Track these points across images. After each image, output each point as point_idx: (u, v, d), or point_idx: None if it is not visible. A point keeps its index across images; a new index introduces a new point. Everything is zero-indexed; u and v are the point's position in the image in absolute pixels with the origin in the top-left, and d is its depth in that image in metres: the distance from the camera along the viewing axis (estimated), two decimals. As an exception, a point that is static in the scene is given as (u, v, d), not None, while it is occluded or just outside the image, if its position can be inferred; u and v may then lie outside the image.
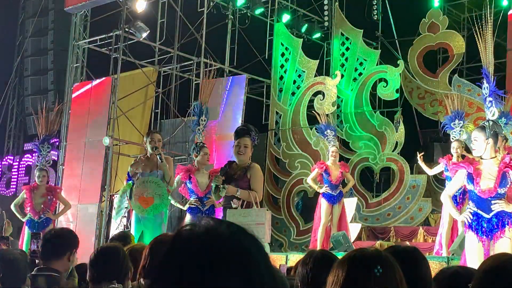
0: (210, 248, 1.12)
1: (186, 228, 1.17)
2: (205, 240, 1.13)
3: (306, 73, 13.37)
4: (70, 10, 12.84)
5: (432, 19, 13.54)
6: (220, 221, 1.18)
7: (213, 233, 1.15)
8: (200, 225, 1.16)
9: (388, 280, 1.88)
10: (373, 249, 2.00)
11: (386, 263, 1.90)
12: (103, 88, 11.91)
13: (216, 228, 1.16)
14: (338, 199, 9.96)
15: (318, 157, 12.25)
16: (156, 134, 8.03)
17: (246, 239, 1.17)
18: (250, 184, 6.15)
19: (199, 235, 1.14)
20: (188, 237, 1.15)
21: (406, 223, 12.15)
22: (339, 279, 1.88)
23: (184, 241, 1.15)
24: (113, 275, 3.14)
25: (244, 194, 6.06)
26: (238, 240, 1.15)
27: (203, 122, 9.06)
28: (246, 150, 6.22)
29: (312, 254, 3.00)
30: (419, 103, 13.63)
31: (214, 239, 1.14)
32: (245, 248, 1.14)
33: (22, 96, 17.66)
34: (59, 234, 3.82)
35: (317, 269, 2.84)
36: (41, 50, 17.25)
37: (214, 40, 13.47)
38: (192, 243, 1.13)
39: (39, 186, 9.45)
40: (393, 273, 1.90)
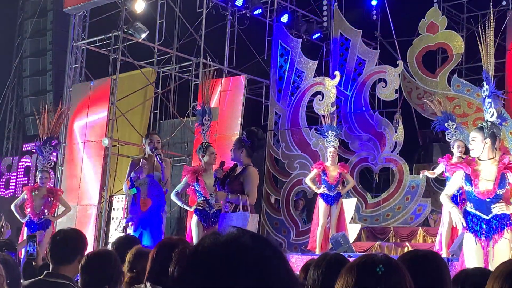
0: (231, 258, 1.13)
1: (209, 237, 1.18)
2: (227, 250, 1.14)
3: (306, 74, 13.36)
4: (69, 11, 12.84)
5: (431, 19, 13.52)
6: (243, 231, 1.19)
7: (236, 243, 1.16)
8: (223, 235, 1.18)
9: (397, 287, 1.86)
10: (382, 255, 1.98)
11: (395, 270, 1.88)
12: (102, 89, 11.90)
13: (238, 238, 1.17)
14: (336, 200, 9.96)
15: (317, 158, 12.25)
16: (155, 135, 8.06)
17: (269, 250, 1.17)
18: (243, 187, 6.19)
19: (222, 244, 1.16)
20: (210, 246, 1.16)
21: (406, 223, 12.14)
22: (348, 285, 1.87)
23: (207, 250, 1.16)
24: (105, 280, 3.12)
25: (234, 198, 6.14)
26: (260, 251, 1.16)
27: (206, 122, 9.03)
28: (232, 150, 6.36)
29: (326, 257, 2.95)
30: (418, 104, 13.61)
31: (236, 249, 1.15)
32: (267, 258, 1.15)
33: (21, 97, 17.63)
34: (71, 236, 3.58)
35: (329, 273, 2.81)
36: (40, 51, 17.23)
37: (213, 41, 13.47)
38: (214, 252, 1.14)
39: (40, 188, 9.45)
40: (402, 280, 1.88)
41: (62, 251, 3.44)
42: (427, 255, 2.48)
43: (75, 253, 3.47)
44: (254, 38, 14.13)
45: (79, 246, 3.56)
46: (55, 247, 3.48)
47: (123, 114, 11.95)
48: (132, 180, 7.61)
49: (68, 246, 3.48)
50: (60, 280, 3.33)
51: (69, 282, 3.36)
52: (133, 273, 3.57)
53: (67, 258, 3.42)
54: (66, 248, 3.46)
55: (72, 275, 3.40)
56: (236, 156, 6.32)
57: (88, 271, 3.16)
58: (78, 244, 3.57)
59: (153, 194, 7.62)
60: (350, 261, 2.03)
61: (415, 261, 2.30)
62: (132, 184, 7.66)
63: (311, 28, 14.48)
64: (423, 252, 2.51)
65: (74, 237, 3.59)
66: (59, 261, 3.41)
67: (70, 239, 3.55)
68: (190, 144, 12.70)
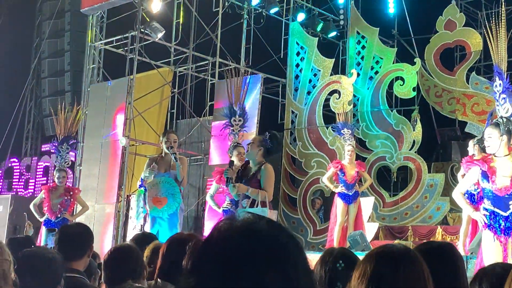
0: (247, 243, 1.12)
1: (224, 222, 1.17)
2: (243, 234, 1.13)
3: (322, 72, 13.32)
4: (86, 12, 12.91)
5: (449, 17, 13.43)
6: (260, 217, 1.18)
7: (252, 227, 1.15)
8: (238, 220, 1.17)
9: (415, 277, 1.87)
10: (401, 246, 2.00)
11: (413, 260, 1.90)
12: (119, 88, 11.95)
13: (254, 223, 1.16)
14: (354, 199, 9.91)
15: (334, 156, 12.20)
16: (172, 134, 8.03)
17: (285, 236, 1.16)
18: (261, 183, 6.17)
19: (237, 229, 1.15)
20: (226, 230, 1.15)
21: (424, 222, 12.06)
22: (366, 274, 1.87)
23: (222, 235, 1.15)
24: (128, 275, 3.13)
25: (254, 193, 6.12)
26: (276, 236, 1.15)
27: (237, 123, 9.04)
28: (250, 146, 6.31)
29: (332, 252, 2.93)
30: (436, 101, 13.53)
31: (252, 233, 1.14)
32: (283, 244, 1.14)
33: (39, 98, 17.78)
34: (78, 232, 3.63)
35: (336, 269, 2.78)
36: (58, 52, 17.36)
37: (229, 40, 13.48)
38: (230, 237, 1.13)
39: (58, 187, 9.50)
40: (420, 270, 1.89)
41: (72, 249, 3.48)
42: (442, 246, 2.49)
43: (85, 249, 3.53)
44: (270, 37, 14.12)
45: (88, 241, 3.60)
46: (64, 244, 3.51)
47: (140, 113, 11.99)
48: (142, 180, 7.71)
49: (78, 243, 3.52)
50: (71, 274, 3.36)
51: (79, 275, 3.40)
52: (150, 268, 3.59)
53: (77, 255, 3.47)
54: (76, 245, 3.50)
55: (83, 268, 3.44)
56: (252, 153, 6.30)
57: (110, 266, 3.19)
58: (87, 238, 3.61)
59: (169, 192, 7.64)
60: None
61: (430, 251, 2.30)
62: (141, 184, 7.75)
63: (327, 27, 14.43)
64: (438, 243, 2.51)
65: (82, 233, 3.63)
66: (69, 258, 3.44)
67: (79, 235, 3.59)
68: (207, 143, 12.71)
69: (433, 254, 2.28)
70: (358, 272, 1.91)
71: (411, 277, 1.86)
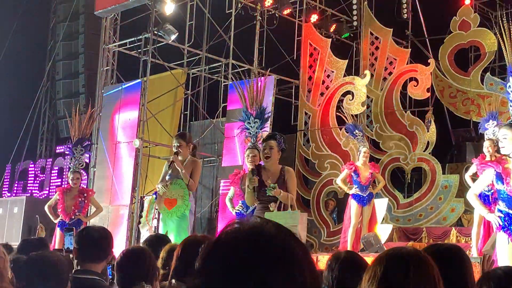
0: (255, 246, 1.13)
1: (232, 225, 1.18)
2: (250, 238, 1.14)
3: (335, 73, 13.29)
4: (100, 14, 12.97)
5: (463, 17, 13.35)
6: (267, 220, 1.19)
7: (259, 231, 1.16)
8: (246, 223, 1.17)
9: (425, 279, 1.87)
10: (411, 248, 2.00)
11: (423, 262, 1.89)
12: (133, 90, 12.00)
13: (262, 227, 1.17)
14: (368, 200, 9.88)
15: (347, 158, 12.17)
16: (176, 138, 7.85)
17: (292, 240, 1.17)
18: (286, 187, 6.14)
19: (245, 232, 1.16)
20: (234, 233, 1.16)
21: (438, 223, 12.00)
22: (377, 276, 1.87)
23: (230, 237, 1.16)
24: (141, 277, 3.14)
25: (284, 197, 6.07)
26: (283, 240, 1.15)
27: (254, 124, 9.04)
28: (272, 152, 6.20)
29: (339, 257, 2.91)
30: (450, 102, 13.46)
31: (259, 237, 1.14)
32: (290, 248, 1.15)
33: (54, 100, 17.89)
34: (103, 236, 3.62)
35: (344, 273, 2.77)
36: (72, 54, 17.47)
37: (242, 42, 13.48)
38: (238, 240, 1.14)
39: (72, 188, 9.54)
40: (430, 272, 1.89)
41: (94, 250, 3.48)
42: (450, 248, 2.49)
43: (106, 253, 3.53)
44: (283, 38, 14.11)
45: (109, 245, 3.60)
46: (86, 247, 3.50)
47: (153, 115, 12.03)
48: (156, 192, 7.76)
49: (100, 246, 3.52)
50: (90, 276, 3.39)
51: (98, 277, 3.42)
52: (165, 270, 3.60)
53: (99, 257, 3.48)
54: (99, 249, 3.50)
55: (100, 271, 3.45)
56: (275, 158, 6.26)
57: (123, 268, 3.20)
58: (109, 242, 3.61)
59: (179, 194, 7.66)
60: None
61: (439, 253, 2.30)
62: (155, 193, 7.80)
63: (341, 28, 14.40)
64: (446, 246, 2.52)
65: (105, 237, 3.63)
66: (89, 260, 3.46)
67: (102, 239, 3.59)
68: (220, 145, 12.73)
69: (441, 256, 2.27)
70: (369, 275, 1.92)
71: (421, 279, 1.86)
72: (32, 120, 15.60)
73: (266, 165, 6.27)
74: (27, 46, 16.57)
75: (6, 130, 15.60)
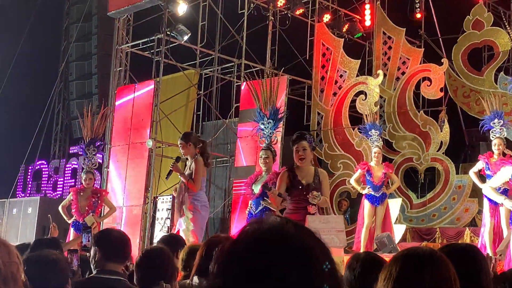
0: (275, 245, 1.13)
1: (252, 225, 1.18)
2: (270, 236, 1.14)
3: (348, 73, 13.26)
4: (113, 15, 13.01)
5: (476, 16, 13.28)
6: (286, 220, 1.19)
7: (279, 230, 1.16)
8: (266, 222, 1.18)
9: (441, 279, 1.86)
10: (427, 248, 1.99)
11: (439, 262, 1.89)
12: (146, 91, 12.03)
13: (281, 226, 1.17)
14: (381, 200, 9.85)
15: (360, 158, 12.14)
16: (178, 141, 7.91)
17: (312, 239, 1.17)
18: (322, 189, 6.13)
19: (265, 232, 1.16)
20: (254, 233, 1.16)
21: (452, 224, 11.94)
22: (392, 276, 1.86)
23: (250, 237, 1.16)
24: (160, 276, 3.16)
25: (323, 201, 6.06)
26: (303, 239, 1.15)
27: (268, 125, 9.05)
28: (305, 153, 6.19)
29: (359, 257, 2.93)
30: (464, 102, 13.38)
31: (280, 236, 1.15)
32: (310, 247, 1.15)
33: (67, 100, 17.99)
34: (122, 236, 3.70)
35: (365, 272, 2.78)
36: (85, 55, 17.56)
37: (254, 42, 13.49)
38: (258, 239, 1.14)
39: (85, 189, 9.58)
40: (446, 272, 1.88)
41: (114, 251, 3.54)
42: (466, 248, 2.47)
43: (126, 254, 3.60)
44: (295, 38, 14.10)
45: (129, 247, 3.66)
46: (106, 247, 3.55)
47: (166, 116, 12.06)
48: None
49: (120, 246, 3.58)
50: (114, 276, 3.43)
51: (121, 277, 3.47)
52: (186, 271, 3.62)
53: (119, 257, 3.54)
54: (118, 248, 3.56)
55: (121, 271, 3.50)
56: (309, 158, 6.25)
57: (143, 268, 3.23)
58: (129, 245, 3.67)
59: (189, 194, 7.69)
60: None
61: (454, 253, 2.28)
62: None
63: (353, 27, 14.36)
64: (462, 245, 2.50)
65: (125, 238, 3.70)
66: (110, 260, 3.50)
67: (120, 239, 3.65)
68: (233, 145, 12.73)
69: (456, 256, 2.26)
70: (384, 274, 1.92)
71: (437, 280, 1.85)
72: (45, 121, 15.68)
73: (302, 166, 6.25)
74: (40, 47, 16.66)
75: (20, 131, 15.70)
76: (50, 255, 3.07)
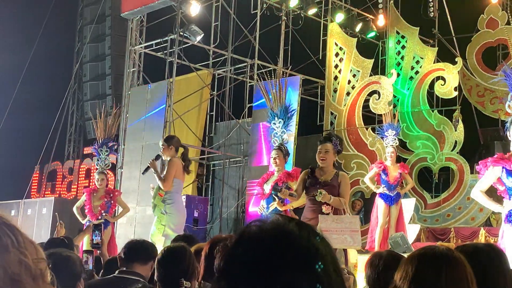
0: (279, 244, 1.11)
1: (254, 224, 1.17)
2: (273, 236, 1.13)
3: (361, 73, 13.22)
4: (127, 16, 13.07)
5: (490, 15, 13.20)
6: (289, 218, 1.18)
7: (282, 229, 1.14)
8: (268, 221, 1.16)
9: (458, 279, 1.85)
10: (444, 247, 1.97)
11: (456, 262, 1.86)
12: (159, 91, 12.07)
13: (284, 225, 1.15)
14: (396, 200, 9.80)
15: (374, 158, 12.10)
16: None
17: (315, 238, 1.15)
18: (340, 191, 6.15)
19: (268, 231, 1.14)
20: (256, 233, 1.15)
21: (467, 224, 11.87)
22: (408, 275, 1.85)
23: (253, 237, 1.14)
24: (181, 274, 3.17)
25: (336, 201, 6.06)
26: (307, 238, 1.14)
27: (279, 124, 9.07)
28: (327, 155, 6.22)
29: (381, 255, 2.95)
30: (478, 101, 13.30)
31: (282, 235, 1.13)
32: (314, 246, 1.13)
33: (81, 101, 18.08)
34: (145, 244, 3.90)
35: (387, 270, 2.79)
36: (99, 56, 17.64)
37: (267, 42, 13.49)
38: (261, 239, 1.13)
39: (98, 189, 9.61)
40: (463, 272, 1.86)
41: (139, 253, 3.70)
42: (484, 248, 2.44)
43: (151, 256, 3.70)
44: (308, 38, 14.09)
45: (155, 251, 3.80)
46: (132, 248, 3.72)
47: (179, 116, 12.09)
48: None
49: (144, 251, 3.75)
50: (132, 276, 3.52)
51: (141, 278, 3.54)
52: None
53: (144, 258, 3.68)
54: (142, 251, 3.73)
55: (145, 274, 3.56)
56: (330, 161, 6.28)
57: (164, 265, 3.24)
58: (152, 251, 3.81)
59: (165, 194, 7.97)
60: None
61: (473, 253, 2.26)
62: None
63: (366, 27, 14.32)
64: (481, 245, 2.47)
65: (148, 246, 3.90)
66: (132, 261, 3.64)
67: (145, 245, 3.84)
68: (246, 145, 12.74)
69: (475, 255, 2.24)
70: (400, 274, 1.90)
71: (454, 279, 1.83)
72: (60, 122, 15.77)
73: (322, 167, 6.29)
74: (54, 49, 16.76)
75: (35, 132, 15.80)
76: (62, 252, 3.09)
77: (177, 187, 7.93)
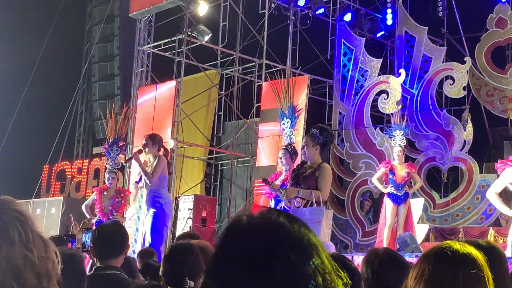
0: (275, 237, 1.11)
1: (238, 220, 1.16)
2: (268, 229, 1.12)
3: (370, 72, 13.19)
4: (135, 16, 13.10)
5: (499, 14, 13.13)
6: (276, 211, 1.17)
7: (270, 222, 1.14)
8: (255, 216, 1.16)
9: (476, 280, 1.81)
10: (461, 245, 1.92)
11: (474, 264, 1.83)
12: (167, 91, 12.08)
13: (271, 217, 1.15)
14: (404, 200, 9.77)
15: (382, 157, 12.07)
16: None
17: (303, 228, 1.16)
18: (317, 183, 6.12)
19: (257, 225, 1.14)
20: (245, 228, 1.14)
21: (476, 223, 11.82)
22: (424, 275, 1.82)
23: (242, 232, 1.14)
24: (187, 272, 3.17)
25: (306, 194, 6.05)
26: (298, 229, 1.14)
27: (287, 124, 9.09)
28: (306, 149, 6.23)
29: (377, 253, 2.93)
30: (487, 101, 13.23)
31: (271, 227, 1.13)
32: (306, 236, 1.14)
33: (90, 101, 18.13)
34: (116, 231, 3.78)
35: (383, 268, 2.78)
36: (108, 56, 17.67)
37: (275, 42, 13.48)
38: (255, 233, 1.13)
39: (109, 189, 9.64)
40: (481, 272, 1.82)
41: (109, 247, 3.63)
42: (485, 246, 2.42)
43: (122, 248, 3.68)
44: (317, 38, 14.07)
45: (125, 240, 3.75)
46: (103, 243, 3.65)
47: (187, 116, 12.10)
48: None
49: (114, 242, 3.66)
50: (110, 271, 3.52)
51: (118, 271, 3.55)
52: None
53: (114, 252, 3.62)
54: (115, 244, 3.65)
55: (119, 264, 3.55)
56: (310, 155, 6.25)
57: (170, 261, 3.24)
58: (124, 239, 3.76)
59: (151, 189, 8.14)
60: None
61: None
62: None
63: (375, 26, 14.28)
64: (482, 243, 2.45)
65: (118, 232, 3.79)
66: (106, 257, 3.61)
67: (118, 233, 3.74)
68: (254, 145, 12.73)
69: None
70: (415, 272, 1.86)
71: (472, 281, 1.80)
72: (69, 122, 15.83)
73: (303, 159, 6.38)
74: (63, 49, 16.81)
75: (44, 132, 15.86)
76: (66, 250, 3.10)
77: (164, 183, 8.16)
